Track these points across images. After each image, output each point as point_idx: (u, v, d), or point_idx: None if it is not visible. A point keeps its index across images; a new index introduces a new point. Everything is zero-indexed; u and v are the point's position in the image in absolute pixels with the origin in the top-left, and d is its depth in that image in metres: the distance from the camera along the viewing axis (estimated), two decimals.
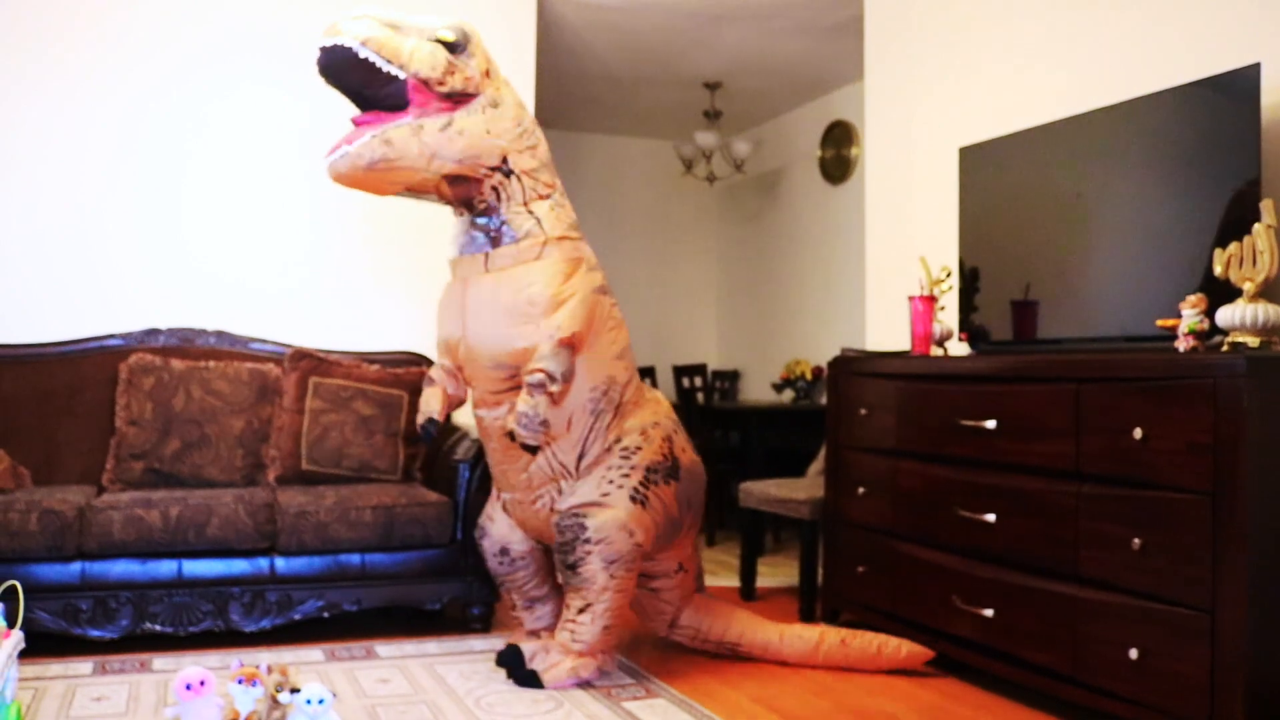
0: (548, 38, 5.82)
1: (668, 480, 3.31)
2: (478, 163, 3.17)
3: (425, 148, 3.09)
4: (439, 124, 3.10)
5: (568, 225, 3.28)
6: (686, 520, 3.40)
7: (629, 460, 3.26)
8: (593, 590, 3.14)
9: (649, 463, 3.28)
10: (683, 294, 8.38)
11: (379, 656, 3.50)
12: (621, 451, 3.27)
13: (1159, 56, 3.46)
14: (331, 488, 3.89)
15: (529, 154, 3.25)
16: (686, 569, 3.49)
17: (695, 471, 3.44)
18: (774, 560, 5.41)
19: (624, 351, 3.34)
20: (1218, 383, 2.49)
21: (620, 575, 3.16)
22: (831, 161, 6.94)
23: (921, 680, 3.32)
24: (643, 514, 3.22)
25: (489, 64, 3.27)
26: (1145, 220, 3.21)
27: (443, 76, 3.10)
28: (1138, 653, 2.65)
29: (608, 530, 3.14)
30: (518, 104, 3.29)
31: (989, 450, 3.19)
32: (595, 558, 3.12)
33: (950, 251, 4.30)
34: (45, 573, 3.43)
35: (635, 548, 3.18)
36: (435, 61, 3.09)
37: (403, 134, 3.06)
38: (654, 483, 3.27)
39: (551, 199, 3.28)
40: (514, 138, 3.22)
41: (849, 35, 5.72)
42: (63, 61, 4.36)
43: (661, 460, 3.31)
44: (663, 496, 3.29)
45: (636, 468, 3.25)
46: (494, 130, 3.18)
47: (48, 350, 4.17)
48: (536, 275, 3.17)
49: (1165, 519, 2.61)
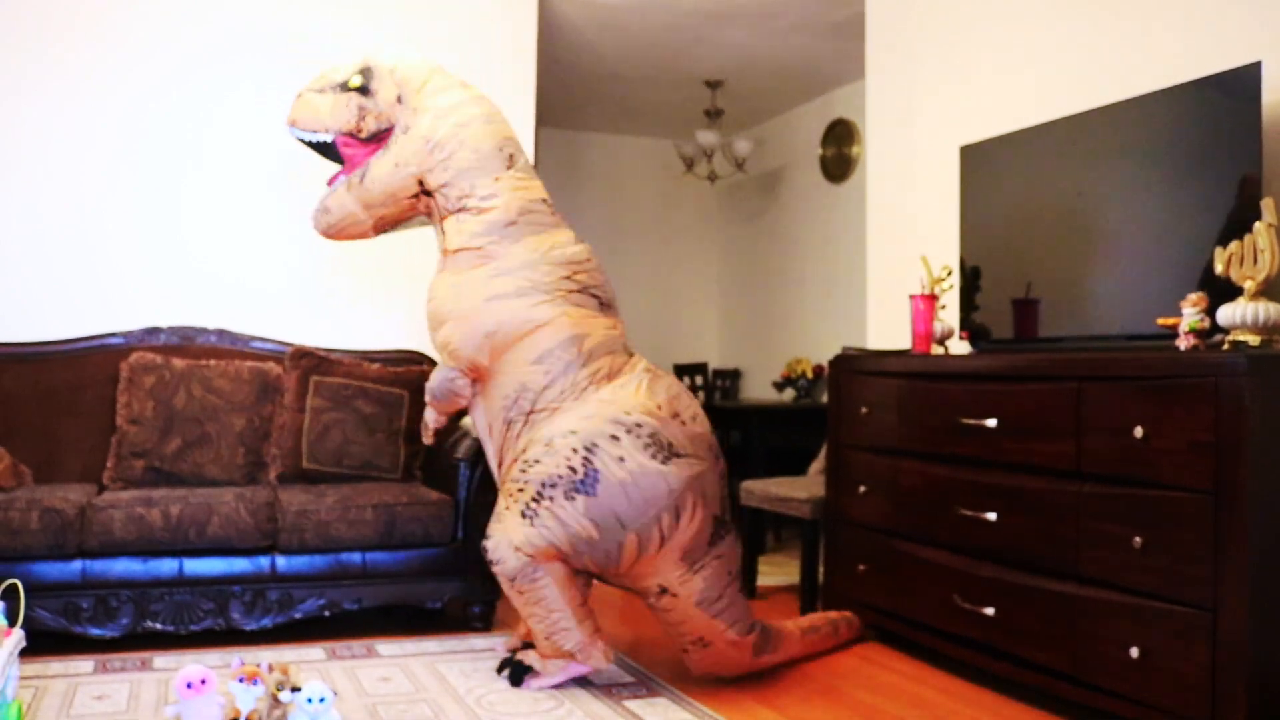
0: (549, 37, 5.82)
1: (572, 495, 2.96)
2: (398, 198, 3.33)
3: (357, 202, 3.34)
4: (358, 177, 3.33)
5: (470, 235, 3.24)
6: (628, 540, 2.98)
7: (525, 474, 3.03)
8: (521, 609, 3.09)
9: (545, 477, 2.99)
10: (684, 293, 8.38)
11: (380, 655, 3.51)
12: (520, 464, 3.07)
13: (1160, 55, 3.45)
14: (332, 486, 3.89)
15: (440, 169, 3.27)
16: (673, 593, 3.08)
17: (640, 484, 2.96)
18: (775, 559, 5.41)
19: (544, 355, 3.14)
20: (1219, 381, 2.49)
21: (528, 588, 3.02)
22: (833, 160, 6.94)
23: (922, 680, 3.32)
24: (533, 532, 2.98)
25: (400, 87, 3.34)
26: (1146, 219, 3.21)
27: (358, 124, 3.34)
28: (1139, 652, 2.65)
29: (499, 551, 3.02)
30: (435, 115, 3.29)
31: (990, 449, 3.19)
32: (500, 578, 3.06)
33: (951, 250, 4.29)
34: (46, 571, 3.43)
35: (528, 563, 2.99)
36: (348, 113, 3.34)
37: (337, 197, 3.37)
38: (548, 498, 2.97)
39: (463, 210, 3.27)
40: (423, 158, 3.27)
41: (850, 34, 5.72)
42: (64, 61, 4.36)
43: (566, 474, 2.97)
44: (563, 513, 2.96)
45: (530, 482, 3.01)
46: (401, 160, 3.28)
47: (49, 349, 4.17)
48: (431, 291, 3.30)
49: (1166, 518, 2.61)
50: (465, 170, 3.26)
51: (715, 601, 3.11)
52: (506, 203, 3.26)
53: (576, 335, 3.17)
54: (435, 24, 4.84)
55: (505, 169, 3.30)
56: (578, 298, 3.23)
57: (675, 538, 3.02)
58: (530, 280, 3.19)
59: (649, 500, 2.97)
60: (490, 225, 3.23)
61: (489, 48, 4.94)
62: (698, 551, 3.07)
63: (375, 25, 4.75)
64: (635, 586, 3.14)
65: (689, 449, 3.06)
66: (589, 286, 3.27)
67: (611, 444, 2.99)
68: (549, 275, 3.21)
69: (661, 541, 3.00)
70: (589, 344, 3.18)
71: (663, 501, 2.97)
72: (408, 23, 4.79)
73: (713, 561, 3.10)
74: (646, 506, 2.97)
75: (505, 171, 3.30)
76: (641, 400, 3.08)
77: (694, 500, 3.02)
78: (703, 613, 3.10)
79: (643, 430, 3.01)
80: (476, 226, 3.24)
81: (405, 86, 3.33)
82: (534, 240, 3.25)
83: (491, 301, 3.17)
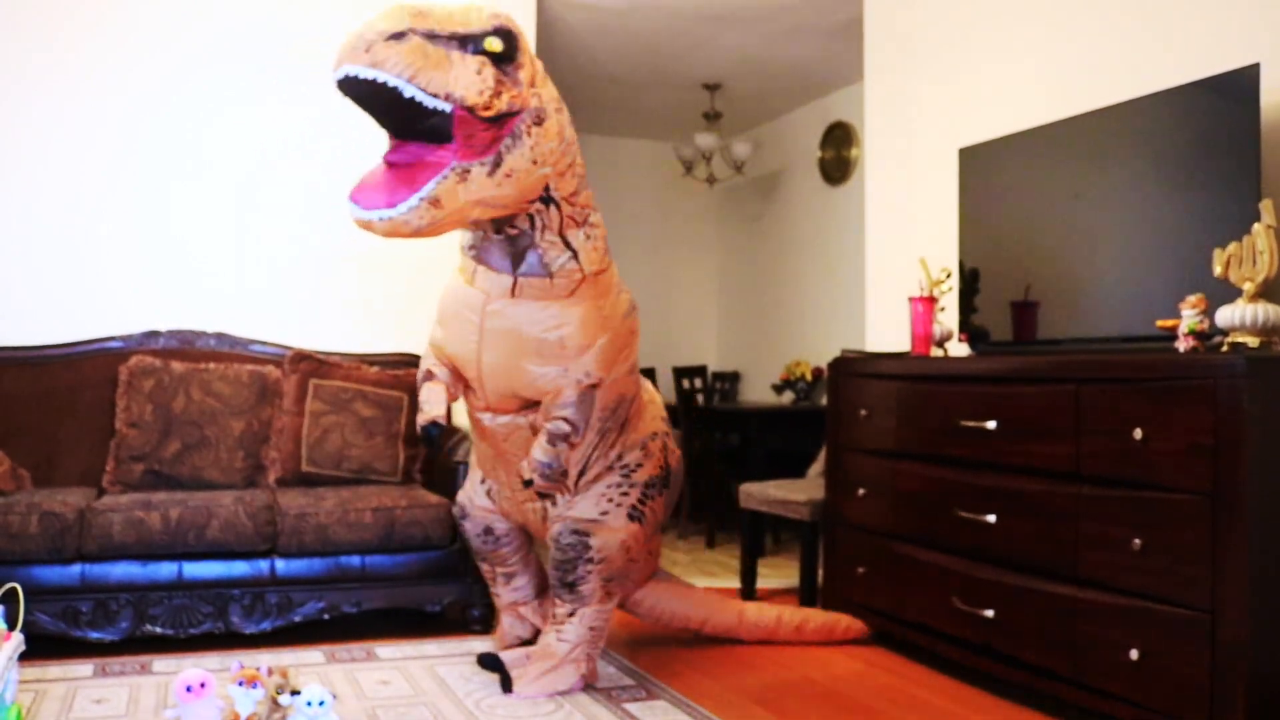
0: (547, 39, 5.82)
1: (661, 491, 3.35)
2: (522, 201, 2.83)
3: (471, 196, 2.70)
4: (485, 169, 2.69)
5: (602, 254, 3.03)
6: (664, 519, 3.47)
7: (629, 479, 3.26)
8: (588, 601, 3.16)
9: (647, 479, 3.29)
10: (683, 295, 8.38)
11: (379, 658, 3.50)
12: (622, 469, 3.27)
13: (1158, 57, 3.46)
14: (332, 489, 3.89)
15: (569, 174, 2.91)
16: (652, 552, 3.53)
17: (679, 471, 3.49)
18: (774, 561, 5.40)
19: (635, 365, 3.25)
20: (1218, 383, 2.49)
21: (614, 589, 3.23)
22: (831, 163, 6.94)
23: (922, 682, 3.32)
24: (639, 531, 3.25)
25: (534, 65, 2.82)
26: (1145, 221, 3.21)
27: (490, 101, 2.65)
28: (1138, 653, 2.65)
29: (609, 550, 3.15)
30: (558, 109, 2.86)
31: (989, 451, 3.19)
32: (595, 576, 3.14)
33: (950, 252, 4.30)
34: (45, 575, 3.43)
35: (629, 563, 3.24)
36: (483, 84, 2.64)
37: (449, 188, 2.65)
38: (650, 498, 3.30)
39: (587, 223, 2.99)
40: (557, 159, 2.84)
41: (849, 36, 5.72)
42: (63, 64, 4.36)
43: (658, 474, 3.33)
44: (656, 509, 3.33)
45: (636, 485, 3.27)
46: (540, 158, 2.78)
47: (48, 352, 4.17)
48: (571, 316, 2.94)
49: (1165, 520, 2.61)
50: (583, 178, 2.98)
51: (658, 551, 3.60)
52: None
53: None
54: None
55: None
56: None
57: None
58: (629, 293, 3.23)
59: (680, 481, 3.51)
60: (606, 239, 3.08)
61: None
62: None
63: None
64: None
65: None
66: None
67: (669, 440, 3.44)
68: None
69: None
70: None
71: (682, 478, 3.52)
72: None
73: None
74: (679, 483, 3.51)
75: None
76: (660, 401, 3.49)
77: None
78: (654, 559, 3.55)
79: (668, 424, 3.49)
80: (603, 244, 3.05)
81: (537, 65, 2.83)
82: None
83: (626, 318, 3.14)
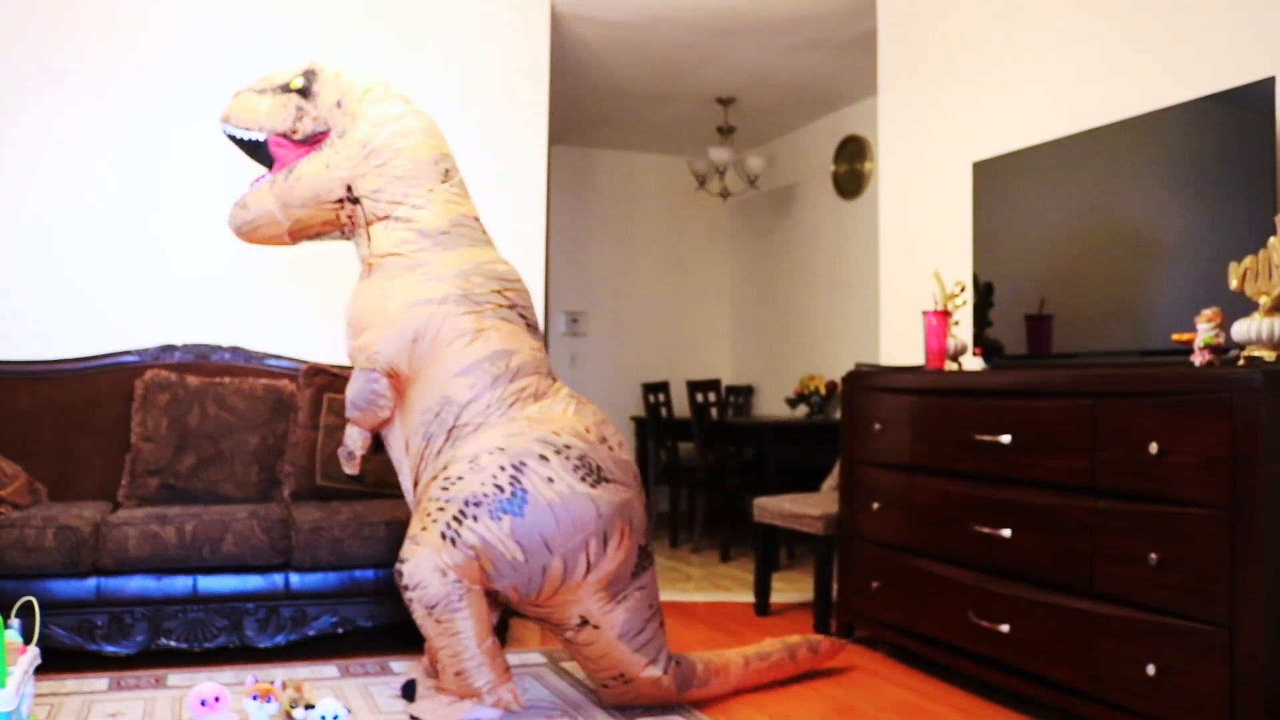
0: (562, 54, 5.85)
1: (498, 515, 2.81)
2: (321, 200, 3.23)
3: (276, 201, 3.25)
4: (284, 175, 3.25)
5: (399, 241, 3.15)
6: (553, 565, 2.85)
7: (446, 491, 2.87)
8: (426, 633, 2.88)
9: (468, 495, 2.84)
10: (696, 309, 8.39)
11: (393, 672, 3.50)
12: (442, 481, 2.90)
13: (1173, 71, 3.45)
14: (345, 503, 3.90)
15: (375, 174, 3.19)
16: (594, 624, 2.96)
17: (569, 507, 2.85)
18: (788, 576, 5.39)
19: (471, 367, 3.01)
20: (1234, 397, 2.48)
21: (446, 619, 2.82)
22: (845, 176, 6.94)
23: (937, 697, 3.30)
24: (455, 553, 2.81)
25: (342, 92, 3.26)
26: (1160, 234, 3.20)
27: (294, 125, 3.25)
28: (1155, 669, 2.64)
29: (420, 574, 2.81)
30: (374, 123, 3.22)
31: (1004, 465, 3.18)
32: (416, 605, 2.83)
33: (964, 266, 4.29)
34: (61, 588, 3.44)
35: (454, 585, 2.82)
36: (285, 114, 3.25)
37: (258, 195, 3.27)
38: (472, 517, 2.82)
39: (392, 217, 3.18)
40: (358, 162, 3.20)
41: (863, 50, 5.73)
42: (78, 76, 4.39)
43: (492, 493, 2.83)
44: (488, 534, 2.81)
45: (452, 500, 2.85)
46: (334, 163, 3.21)
47: (64, 367, 4.19)
48: (354, 298, 3.19)
49: (1182, 534, 2.59)
50: (399, 178, 3.19)
51: (637, 635, 2.99)
52: (438, 212, 3.19)
53: (505, 350, 3.06)
54: (448, 42, 4.87)
55: (440, 182, 3.23)
56: (506, 313, 3.14)
57: (601, 565, 2.90)
58: (461, 289, 3.08)
59: (577, 525, 2.85)
60: (421, 232, 3.16)
61: (502, 66, 4.96)
62: (621, 581, 2.96)
63: (386, 43, 4.78)
64: (553, 618, 2.99)
65: (617, 474, 2.97)
66: (518, 305, 3.18)
67: (540, 464, 2.87)
68: (481, 287, 3.11)
69: (587, 569, 2.88)
70: (516, 360, 3.07)
71: (591, 527, 2.86)
72: (419, 41, 4.82)
73: (635, 592, 2.99)
74: (575, 531, 2.85)
75: (440, 185, 3.23)
76: (570, 422, 2.99)
77: (621, 527, 2.93)
78: (624, 646, 2.97)
79: (572, 452, 2.92)
80: (406, 233, 3.16)
81: (347, 93, 3.26)
82: (467, 251, 3.18)
83: (420, 305, 3.05)
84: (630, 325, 8.17)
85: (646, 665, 3.01)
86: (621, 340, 8.13)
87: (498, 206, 4.91)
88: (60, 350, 4.32)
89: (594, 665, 3.03)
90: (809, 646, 3.46)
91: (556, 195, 7.99)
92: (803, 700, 3.26)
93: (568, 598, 2.92)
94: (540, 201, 5.01)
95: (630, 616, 2.97)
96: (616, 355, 8.11)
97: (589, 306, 8.06)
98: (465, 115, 4.88)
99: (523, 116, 4.98)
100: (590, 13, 5.25)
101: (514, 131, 4.97)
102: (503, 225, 4.91)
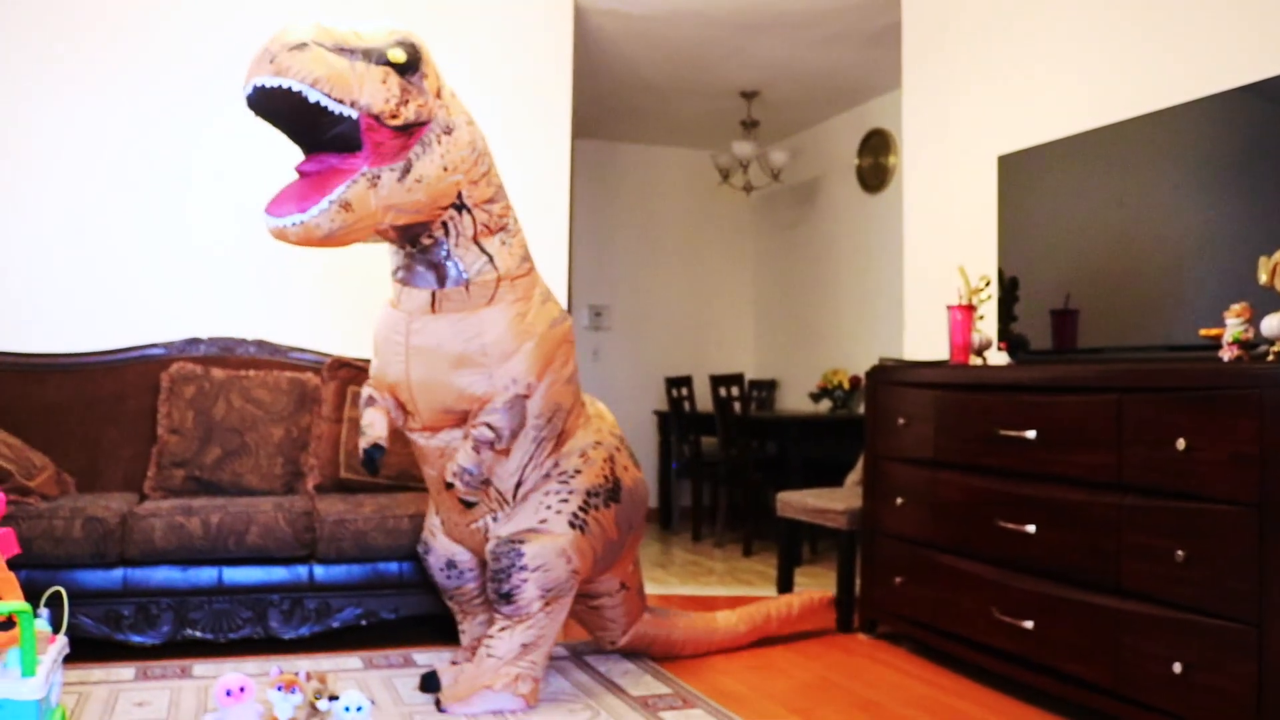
0: (585, 48, 5.84)
1: (608, 503, 3.19)
2: (434, 207, 2.89)
3: (382, 202, 2.77)
4: (395, 175, 2.78)
5: (520, 258, 3.07)
6: (627, 541, 3.32)
7: (567, 485, 3.13)
8: (526, 617, 3.02)
9: (589, 486, 3.16)
10: (720, 304, 8.37)
11: (417, 664, 3.52)
12: (560, 476, 3.14)
13: (1201, 63, 3.42)
14: (370, 496, 3.91)
15: (484, 182, 2.98)
16: (629, 586, 3.43)
17: (638, 492, 3.35)
18: (811, 570, 5.38)
19: (572, 375, 3.18)
20: (1263, 393, 2.46)
21: (555, 603, 3.05)
22: (869, 170, 6.91)
23: (961, 693, 3.29)
24: (582, 540, 3.10)
25: (439, 79, 2.92)
26: (1188, 228, 3.17)
27: (396, 109, 2.74)
28: (1181, 667, 2.62)
29: (545, 557, 3.01)
30: (468, 122, 2.97)
31: (1029, 461, 3.16)
32: (531, 585, 2.99)
33: (989, 260, 4.26)
34: (89, 579, 3.47)
35: (572, 574, 3.07)
36: (389, 93, 2.73)
37: (359, 193, 2.73)
38: (594, 507, 3.15)
39: (503, 230, 3.06)
40: (469, 167, 2.93)
41: (886, 43, 5.70)
42: (104, 70, 4.42)
43: (602, 483, 3.19)
44: (603, 520, 3.17)
45: (575, 492, 3.13)
46: (450, 165, 2.87)
47: (91, 359, 4.23)
48: (491, 322, 2.97)
49: (1209, 531, 2.57)
50: (500, 189, 3.06)
51: (643, 586, 3.57)
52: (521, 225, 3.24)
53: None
54: (471, 36, 4.88)
55: None
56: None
57: (640, 533, 3.43)
58: (559, 303, 3.22)
59: (641, 502, 3.38)
60: (527, 248, 3.13)
61: (525, 60, 4.96)
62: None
63: None
64: (600, 589, 3.37)
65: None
66: None
67: (619, 454, 3.33)
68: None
69: (637, 538, 3.40)
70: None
71: (646, 503, 3.42)
72: (442, 35, 4.83)
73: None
74: (640, 508, 3.38)
75: None
76: (611, 417, 3.43)
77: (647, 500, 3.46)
78: (642, 597, 3.53)
79: (625, 443, 3.42)
80: (521, 250, 3.09)
81: (441, 78, 2.94)
82: None
83: (558, 325, 3.13)
84: (653, 319, 8.16)
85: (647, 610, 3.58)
86: (644, 334, 8.13)
87: (521, 200, 4.91)
88: (88, 343, 4.36)
89: (618, 621, 3.46)
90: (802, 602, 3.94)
91: (579, 189, 7.99)
92: (828, 696, 3.26)
93: (617, 569, 3.35)
94: (563, 195, 5.01)
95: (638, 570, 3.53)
96: (639, 349, 8.11)
97: (612, 300, 8.05)
98: (488, 109, 4.89)
99: (546, 110, 4.99)
100: (613, 6, 5.25)
101: (537, 125, 4.98)
102: (526, 219, 4.91)
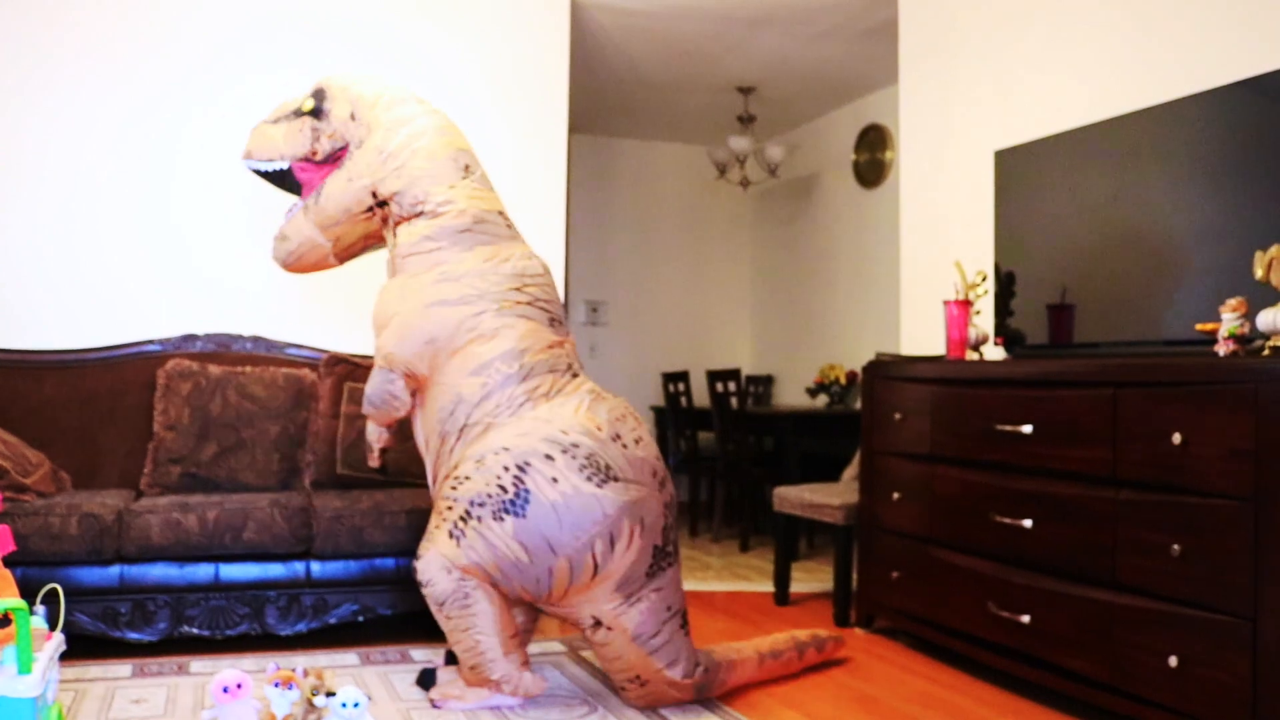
0: (581, 43, 5.84)
1: (500, 515, 2.81)
2: (352, 213, 3.27)
3: (312, 224, 3.30)
4: (315, 198, 3.30)
5: (421, 237, 3.16)
6: (559, 565, 2.82)
7: (454, 491, 2.91)
8: (448, 634, 2.95)
9: (474, 495, 2.85)
10: (716, 299, 8.37)
11: (413, 660, 3.52)
12: (451, 481, 2.95)
13: (1197, 58, 3.42)
14: (366, 492, 3.91)
15: (394, 177, 3.20)
16: (609, 627, 2.92)
17: (573, 507, 2.80)
18: (808, 565, 5.38)
19: (483, 367, 3.01)
20: (1259, 388, 2.46)
21: (456, 615, 2.89)
22: (866, 165, 6.91)
23: (958, 687, 3.30)
24: (459, 553, 2.85)
25: (353, 104, 3.31)
26: (1184, 223, 3.17)
27: (313, 147, 3.32)
28: (1177, 660, 2.62)
29: (429, 572, 2.88)
30: (388, 128, 3.25)
31: (1025, 455, 3.16)
32: (430, 602, 2.92)
33: (986, 255, 4.27)
34: (85, 576, 3.47)
35: (461, 584, 2.86)
36: (302, 138, 3.32)
37: (294, 223, 3.33)
38: (476, 518, 2.83)
39: (419, 216, 3.19)
40: (377, 168, 3.22)
41: (883, 39, 5.70)
42: (98, 68, 4.41)
43: (495, 493, 2.83)
44: (490, 534, 2.82)
45: (459, 500, 2.88)
46: (355, 174, 3.25)
47: (88, 356, 4.22)
48: (379, 296, 3.22)
49: (1205, 525, 2.58)
50: (419, 177, 3.19)
51: (652, 637, 2.92)
52: (460, 209, 3.18)
53: (518, 349, 3.04)
54: (467, 32, 4.87)
55: (460, 178, 3.23)
56: (525, 310, 3.10)
57: (609, 566, 2.84)
58: (476, 288, 3.08)
59: (582, 525, 2.80)
60: (441, 229, 3.15)
61: (522, 55, 4.96)
62: (634, 583, 2.89)
63: (404, 33, 4.78)
64: (569, 617, 2.97)
65: (629, 473, 2.89)
66: (539, 300, 3.14)
67: (545, 463, 2.84)
68: (497, 285, 3.09)
69: (595, 569, 2.83)
70: (529, 359, 3.04)
71: (596, 527, 2.80)
72: (439, 30, 4.82)
73: (650, 594, 2.91)
74: (579, 531, 2.80)
75: (461, 180, 3.22)
76: (580, 420, 2.92)
77: (631, 527, 2.85)
78: (639, 649, 2.92)
79: (579, 451, 2.86)
80: (427, 230, 3.16)
81: (359, 104, 3.30)
82: (486, 250, 3.16)
83: (435, 307, 3.06)
84: (650, 314, 8.16)
85: (664, 667, 2.95)
86: (641, 329, 8.13)
87: (518, 196, 4.91)
88: (84, 340, 4.35)
89: (611, 665, 3.00)
90: (816, 645, 3.47)
91: (576, 184, 7.99)
92: (824, 691, 3.26)
93: (578, 598, 2.89)
94: (560, 191, 5.01)
95: (645, 618, 2.91)
96: (636, 344, 8.11)
97: (609, 296, 8.05)
98: (485, 105, 4.88)
99: (543, 105, 4.98)
100: (610, 1, 5.24)
101: (534, 120, 4.97)
102: (523, 215, 4.91)
